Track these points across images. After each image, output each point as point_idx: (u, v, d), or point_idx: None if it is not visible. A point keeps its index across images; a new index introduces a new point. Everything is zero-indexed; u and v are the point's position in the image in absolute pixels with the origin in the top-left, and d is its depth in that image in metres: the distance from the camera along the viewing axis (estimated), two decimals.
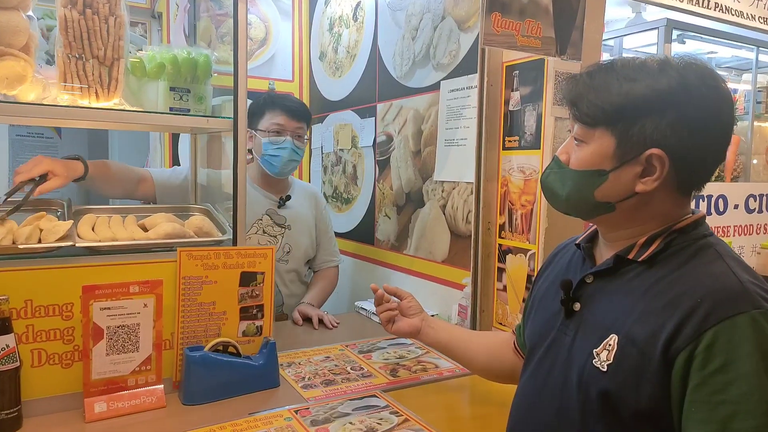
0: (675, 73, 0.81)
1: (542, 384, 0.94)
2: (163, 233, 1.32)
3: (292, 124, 1.97)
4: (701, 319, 0.74)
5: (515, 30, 1.34)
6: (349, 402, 1.31)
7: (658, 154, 0.81)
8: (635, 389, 0.78)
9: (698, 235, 0.85)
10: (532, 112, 1.54)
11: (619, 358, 0.80)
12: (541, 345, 0.97)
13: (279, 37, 2.86)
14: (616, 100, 0.82)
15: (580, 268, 0.96)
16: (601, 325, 0.85)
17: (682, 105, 0.80)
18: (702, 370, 0.73)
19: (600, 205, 0.87)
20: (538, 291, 1.07)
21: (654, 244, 0.85)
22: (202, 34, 1.87)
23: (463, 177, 1.85)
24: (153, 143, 2.66)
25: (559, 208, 0.95)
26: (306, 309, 1.97)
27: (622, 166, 0.83)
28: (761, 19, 2.21)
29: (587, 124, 0.85)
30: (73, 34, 1.19)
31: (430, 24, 1.99)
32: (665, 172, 0.81)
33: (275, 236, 2.06)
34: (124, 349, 1.24)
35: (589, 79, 0.86)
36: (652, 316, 0.79)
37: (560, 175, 0.91)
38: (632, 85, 0.81)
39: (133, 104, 1.40)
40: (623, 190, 0.84)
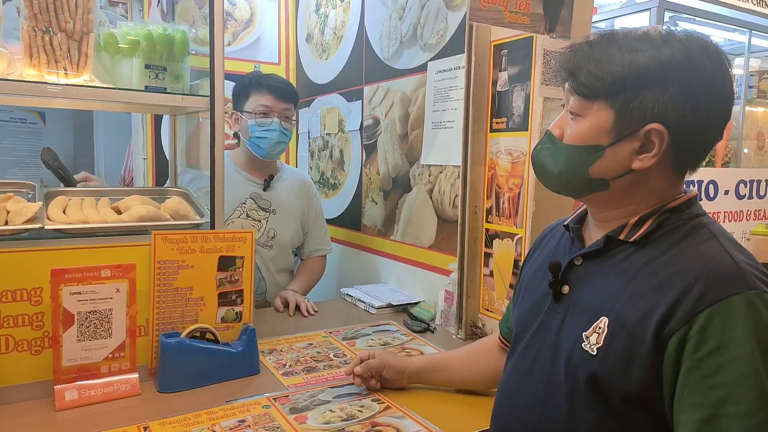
0: (679, 44, 0.77)
1: (529, 368, 0.91)
2: (137, 216, 1.28)
3: (279, 105, 1.91)
4: (695, 300, 0.71)
5: (503, 5, 1.29)
6: (331, 389, 1.28)
7: (658, 129, 0.77)
8: (626, 373, 0.76)
9: (691, 215, 0.82)
10: (521, 93, 1.50)
11: (609, 340, 0.78)
12: (528, 329, 0.94)
13: (265, 19, 2.79)
14: (617, 71, 0.77)
15: (568, 250, 0.93)
16: (591, 308, 0.82)
17: (686, 78, 0.76)
18: (695, 353, 0.70)
19: (594, 182, 0.83)
20: (525, 275, 1.04)
21: (646, 224, 0.82)
22: (182, 13, 1.80)
23: (450, 160, 1.81)
24: (135, 127, 2.59)
25: (550, 185, 0.91)
26: (286, 294, 1.93)
27: (619, 142, 0.79)
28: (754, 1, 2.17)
29: (585, 96, 0.81)
30: (38, 5, 1.13)
31: (418, 3, 1.94)
32: (663, 149, 0.78)
33: (259, 220, 2.01)
34: (95, 335, 1.20)
35: (589, 49, 0.81)
36: (644, 297, 0.76)
37: (553, 150, 0.86)
38: (634, 56, 0.77)
39: (107, 82, 1.35)
40: (619, 167, 0.81)
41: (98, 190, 1.48)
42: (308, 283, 2.10)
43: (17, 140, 3.60)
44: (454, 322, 1.69)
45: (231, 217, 1.96)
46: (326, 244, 2.21)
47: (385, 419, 1.14)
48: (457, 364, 1.25)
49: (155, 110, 2.13)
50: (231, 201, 1.95)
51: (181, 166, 1.75)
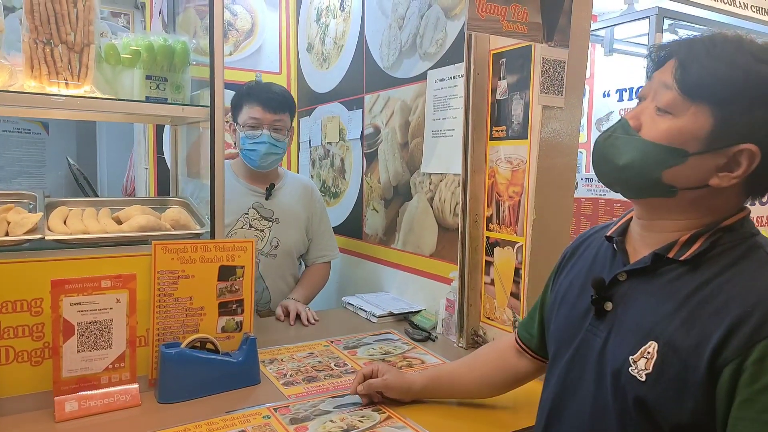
0: None
1: (573, 389, 0.88)
2: (137, 226, 1.28)
3: (269, 117, 1.90)
4: (752, 329, 0.68)
5: (501, 15, 1.30)
6: (332, 399, 1.27)
7: (752, 150, 0.72)
8: (677, 402, 0.73)
9: (746, 234, 0.77)
10: (520, 101, 1.50)
11: (660, 367, 0.74)
12: (569, 345, 0.90)
13: (266, 29, 2.81)
14: (735, 76, 0.71)
15: (610, 263, 0.88)
16: (638, 329, 0.78)
17: None
18: (751, 385, 0.67)
19: (662, 186, 0.77)
20: (560, 286, 0.99)
21: (697, 243, 0.77)
22: (184, 24, 1.82)
23: (450, 168, 1.81)
24: (137, 136, 2.61)
25: (607, 177, 0.84)
26: (287, 303, 1.93)
27: (707, 153, 0.73)
28: (754, 8, 2.18)
29: (688, 94, 0.73)
30: (40, 18, 1.14)
31: (417, 12, 1.95)
32: (748, 172, 0.73)
33: (262, 230, 2.01)
34: (96, 345, 1.20)
35: (711, 44, 0.74)
36: (698, 323, 0.72)
37: (625, 141, 0.79)
38: (759, 66, 0.71)
39: (108, 93, 1.36)
40: (696, 179, 0.75)
41: (99, 200, 1.48)
42: (311, 290, 2.09)
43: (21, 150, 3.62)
44: (455, 331, 1.68)
45: (234, 228, 1.96)
46: (331, 250, 2.19)
47: (385, 429, 1.13)
48: (459, 376, 1.22)
49: (156, 120, 2.14)
50: (233, 212, 1.95)
51: (183, 176, 1.76)
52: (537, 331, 1.10)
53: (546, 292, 1.09)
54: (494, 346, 1.24)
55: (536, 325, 1.10)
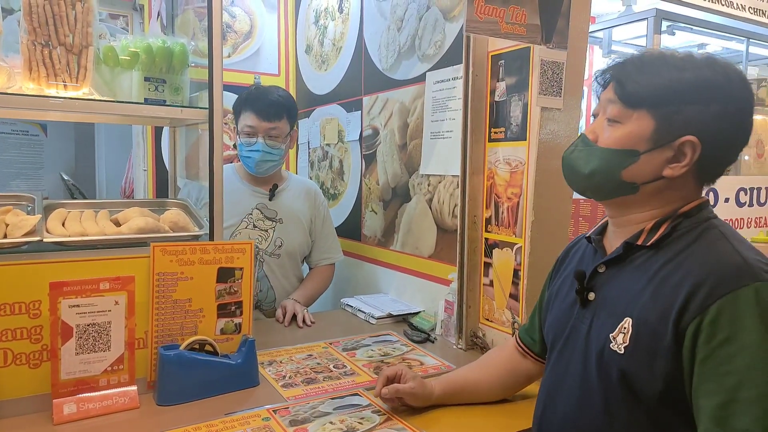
0: (721, 69, 0.84)
1: (563, 374, 0.96)
2: (136, 228, 1.28)
3: (263, 125, 1.91)
4: (706, 294, 0.77)
5: (499, 17, 1.30)
6: (331, 401, 1.27)
7: (693, 141, 0.83)
8: (650, 367, 0.81)
9: (702, 218, 0.88)
10: (518, 103, 1.50)
11: (635, 339, 0.83)
12: (560, 336, 0.99)
13: (264, 30, 2.81)
14: (662, 84, 0.84)
15: (592, 259, 0.99)
16: (615, 310, 0.88)
17: (726, 100, 0.83)
18: (708, 343, 0.76)
19: (624, 185, 0.88)
20: (553, 289, 1.09)
21: (660, 229, 0.87)
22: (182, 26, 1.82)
23: (449, 170, 1.82)
24: (136, 138, 2.60)
25: (578, 186, 0.96)
26: (285, 303, 1.93)
27: (655, 149, 0.85)
28: (752, 10, 2.18)
29: (628, 105, 0.86)
30: (38, 19, 1.14)
31: (416, 14, 1.95)
32: (694, 160, 0.84)
33: (266, 230, 2.02)
34: (94, 348, 1.20)
35: (640, 62, 0.88)
36: (662, 296, 0.82)
37: (586, 152, 0.91)
38: (681, 73, 0.84)
39: (106, 95, 1.36)
40: (651, 173, 0.86)
41: (98, 202, 1.48)
42: (312, 291, 2.10)
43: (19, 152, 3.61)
44: (454, 332, 1.68)
45: (238, 228, 1.98)
46: (334, 252, 2.21)
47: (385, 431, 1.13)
48: (474, 382, 1.25)
49: (155, 122, 2.14)
50: (238, 212, 1.98)
51: (181, 178, 1.76)
52: (538, 335, 1.16)
53: (542, 297, 1.16)
54: (503, 349, 1.28)
55: (537, 329, 1.17)
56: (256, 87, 2.16)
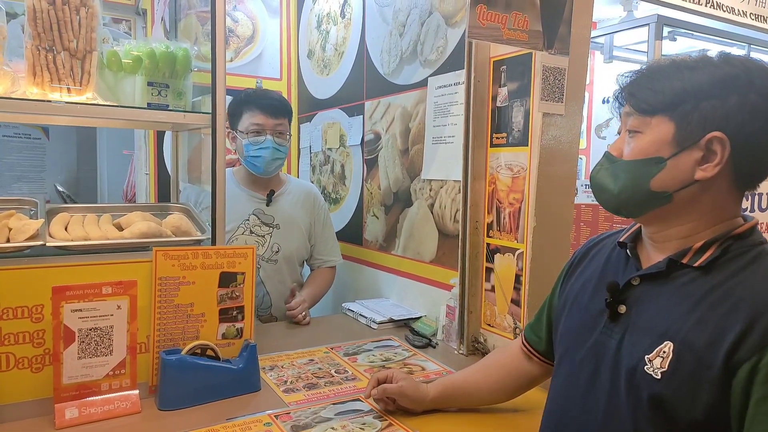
0: (738, 63, 0.81)
1: (586, 388, 0.91)
2: (138, 232, 1.28)
3: (270, 122, 1.91)
4: (765, 330, 0.72)
5: (501, 23, 1.30)
6: (332, 406, 1.27)
7: (719, 137, 0.78)
8: (691, 398, 0.76)
9: (755, 242, 0.83)
10: (520, 108, 1.51)
11: (675, 365, 0.78)
12: (581, 346, 0.93)
13: (267, 35, 2.82)
14: (676, 85, 0.81)
15: (623, 268, 0.93)
16: (653, 330, 0.82)
17: (744, 90, 0.78)
18: (767, 384, 0.71)
19: (655, 195, 0.84)
20: (571, 289, 1.02)
21: (710, 250, 0.82)
22: (185, 30, 1.82)
23: (450, 175, 1.82)
24: (138, 142, 2.61)
25: (609, 204, 0.91)
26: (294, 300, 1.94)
27: (681, 152, 0.81)
28: (753, 16, 2.19)
29: (644, 112, 0.83)
30: (42, 25, 1.15)
31: (418, 20, 1.96)
32: (725, 158, 0.79)
33: (263, 236, 2.02)
34: (96, 352, 1.20)
35: (648, 70, 0.86)
36: (711, 323, 0.77)
37: (612, 169, 0.88)
38: (692, 73, 0.81)
39: (110, 99, 1.36)
40: (682, 178, 0.82)
41: (100, 206, 1.48)
42: (316, 292, 2.10)
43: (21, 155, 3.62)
44: (455, 338, 1.68)
45: (235, 234, 1.98)
46: (334, 255, 2.21)
47: None
48: (472, 384, 1.23)
49: (157, 127, 2.15)
50: (234, 217, 1.96)
51: (183, 182, 1.76)
52: (545, 333, 1.12)
53: (554, 295, 1.10)
54: (504, 351, 1.25)
55: (544, 327, 1.12)
56: (253, 89, 2.17)
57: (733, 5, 2.12)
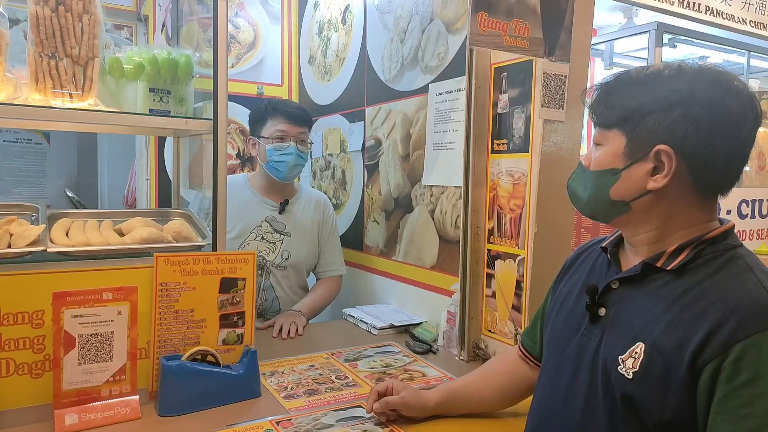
0: (685, 76, 0.84)
1: (567, 388, 0.94)
2: (139, 238, 1.28)
3: (295, 130, 1.98)
4: (730, 332, 0.75)
5: (502, 30, 1.31)
6: (334, 413, 1.26)
7: (664, 149, 0.82)
8: (660, 398, 0.79)
9: (727, 246, 0.85)
10: (521, 115, 1.51)
11: (645, 366, 0.81)
12: (564, 348, 0.97)
13: (268, 41, 2.83)
14: (625, 102, 0.86)
15: (605, 272, 0.97)
16: (628, 332, 0.86)
17: (687, 103, 0.82)
18: (729, 383, 0.74)
19: (616, 204, 0.89)
20: (559, 294, 1.06)
21: (683, 254, 0.85)
22: (187, 37, 1.83)
23: (451, 181, 1.82)
24: (139, 148, 2.62)
25: (583, 210, 0.97)
26: (277, 318, 1.94)
27: (632, 165, 0.86)
28: (752, 23, 2.20)
29: (602, 126, 0.90)
30: (45, 32, 1.15)
31: (419, 26, 1.96)
32: (674, 169, 0.82)
33: (274, 243, 2.05)
34: (96, 358, 1.20)
35: (606, 86, 0.91)
36: (681, 326, 0.79)
37: (582, 178, 0.94)
38: (641, 88, 0.86)
39: (111, 105, 1.37)
40: (636, 188, 0.86)
41: (101, 212, 1.49)
42: (317, 302, 2.11)
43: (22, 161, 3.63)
44: (456, 344, 1.68)
45: (247, 240, 2.02)
46: (339, 265, 2.22)
47: None
48: (474, 390, 1.23)
49: (159, 133, 2.16)
50: (247, 224, 2.02)
51: (184, 188, 1.76)
52: (539, 338, 1.14)
53: (546, 301, 1.14)
54: (504, 357, 1.27)
55: (538, 332, 1.15)
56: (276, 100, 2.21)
57: (733, 13, 2.13)
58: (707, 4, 2.08)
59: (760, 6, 2.22)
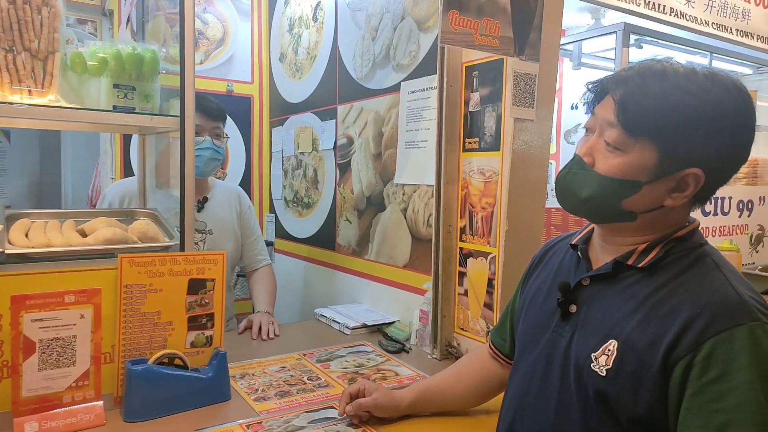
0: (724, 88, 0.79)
1: (539, 385, 0.93)
2: (103, 239, 1.24)
3: (209, 124, 1.91)
4: (701, 329, 0.75)
5: (473, 28, 1.31)
6: (305, 414, 1.25)
7: (697, 174, 0.80)
8: (633, 395, 0.80)
9: (695, 244, 0.86)
10: (492, 113, 1.52)
11: (618, 363, 0.81)
12: (535, 345, 0.96)
13: (237, 38, 2.78)
14: (669, 112, 0.78)
15: (575, 269, 0.96)
16: (600, 330, 0.85)
17: (733, 130, 0.80)
18: (700, 379, 0.74)
19: (623, 213, 0.85)
20: (528, 291, 1.05)
21: (653, 252, 0.85)
22: (153, 32, 1.78)
23: (423, 179, 1.82)
24: (104, 145, 2.54)
25: (573, 208, 0.92)
26: (252, 317, 1.91)
27: (657, 180, 0.81)
28: (714, 25, 2.26)
29: (631, 132, 0.80)
30: (2, 24, 1.10)
31: (390, 24, 1.96)
32: (696, 191, 0.82)
33: (196, 243, 1.98)
34: (58, 363, 1.16)
35: (642, 81, 0.81)
36: (653, 323, 0.80)
37: (584, 176, 0.86)
38: (685, 98, 0.78)
39: (74, 102, 1.32)
40: (651, 203, 0.84)
41: (63, 212, 1.43)
42: (271, 297, 2.07)
43: None
44: (429, 342, 1.68)
45: None
46: (265, 255, 2.18)
47: None
48: (447, 389, 1.23)
49: (124, 130, 2.10)
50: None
51: (151, 187, 1.72)
52: (509, 335, 1.14)
53: (515, 298, 1.13)
54: (475, 355, 1.26)
55: (508, 329, 1.14)
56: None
57: (696, 15, 2.18)
58: (671, 5, 2.13)
59: (722, 8, 2.28)
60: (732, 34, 2.34)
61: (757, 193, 2.78)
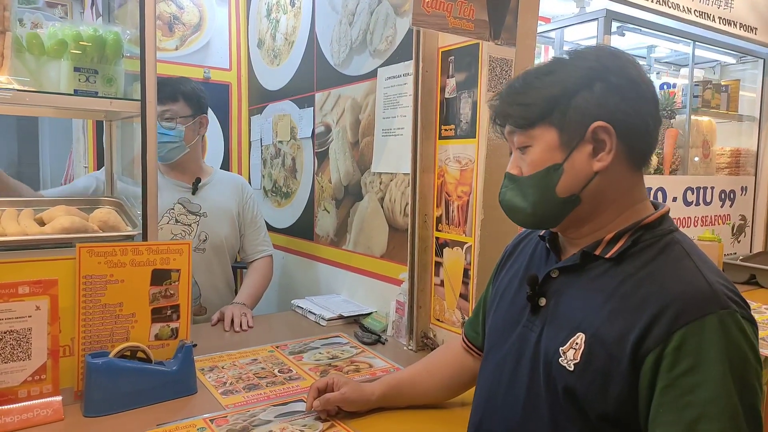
0: (589, 54, 0.85)
1: (509, 381, 0.91)
2: (60, 227, 1.19)
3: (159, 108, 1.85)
4: (670, 320, 0.73)
5: (447, 11, 1.27)
6: (273, 408, 1.22)
7: (602, 125, 0.80)
8: (602, 390, 0.78)
9: (664, 231, 0.84)
10: (468, 100, 1.48)
11: (587, 357, 0.79)
12: (506, 340, 0.94)
13: (215, 23, 2.71)
14: (543, 92, 0.83)
15: (544, 261, 0.94)
16: (568, 323, 0.83)
17: (604, 76, 0.81)
18: (670, 371, 0.72)
19: (565, 201, 0.84)
20: (500, 283, 1.03)
21: (621, 241, 0.83)
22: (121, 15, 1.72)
23: (400, 168, 1.78)
24: (76, 134, 2.48)
25: (526, 221, 0.91)
26: (225, 309, 1.87)
27: (572, 153, 0.82)
28: (697, 13, 2.23)
29: (524, 127, 0.85)
30: None
31: (367, 8, 1.91)
32: (615, 142, 0.81)
33: (189, 224, 1.97)
34: (12, 357, 1.11)
35: (510, 89, 0.88)
36: (621, 316, 0.78)
37: (517, 188, 0.88)
38: (553, 76, 0.84)
39: (32, 85, 1.26)
40: (583, 176, 0.83)
41: (22, 200, 1.38)
42: (255, 290, 2.04)
43: None
44: (405, 333, 1.65)
45: (160, 224, 1.90)
46: (266, 245, 2.15)
47: None
48: (418, 382, 1.20)
49: (86, 115, 2.04)
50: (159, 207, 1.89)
51: (118, 174, 1.67)
52: (481, 328, 1.12)
53: (488, 290, 1.11)
54: (448, 348, 1.24)
55: (480, 322, 1.12)
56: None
57: (678, 2, 2.15)
58: None
59: None
60: (714, 21, 2.31)
61: (739, 183, 2.77)
